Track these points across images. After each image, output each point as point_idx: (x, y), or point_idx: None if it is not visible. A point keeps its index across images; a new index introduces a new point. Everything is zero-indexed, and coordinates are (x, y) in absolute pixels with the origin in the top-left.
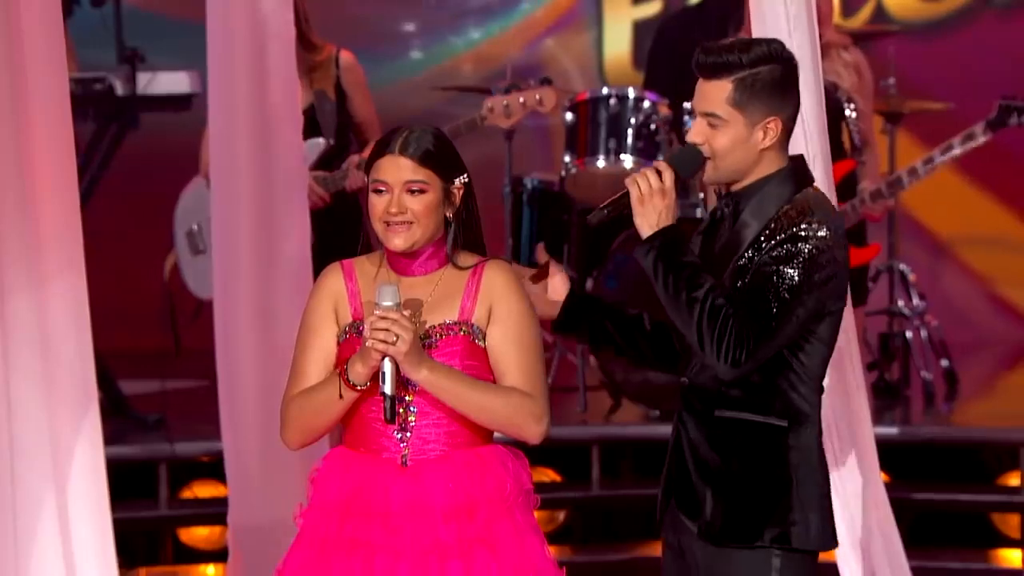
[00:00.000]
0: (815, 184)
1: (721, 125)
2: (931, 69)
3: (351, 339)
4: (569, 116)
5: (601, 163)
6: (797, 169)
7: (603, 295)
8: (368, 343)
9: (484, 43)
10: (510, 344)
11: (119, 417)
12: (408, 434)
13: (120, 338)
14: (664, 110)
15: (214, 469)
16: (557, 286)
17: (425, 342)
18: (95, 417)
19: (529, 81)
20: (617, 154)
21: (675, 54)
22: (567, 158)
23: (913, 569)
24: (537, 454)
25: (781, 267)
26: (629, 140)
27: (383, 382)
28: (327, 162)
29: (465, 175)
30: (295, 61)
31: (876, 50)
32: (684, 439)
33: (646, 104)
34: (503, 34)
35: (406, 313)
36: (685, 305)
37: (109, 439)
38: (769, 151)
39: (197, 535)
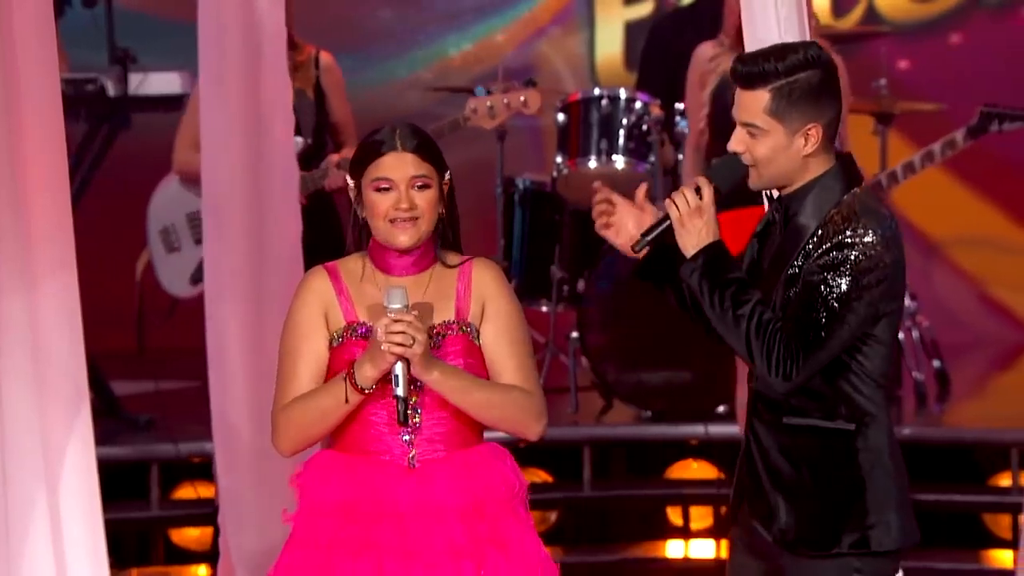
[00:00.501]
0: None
1: (760, 135)
2: (922, 70)
3: (348, 343)
4: (561, 117)
5: (593, 164)
6: (844, 168)
7: (595, 296)
8: (384, 346)
9: (476, 44)
10: (505, 342)
11: (110, 418)
12: (414, 436)
13: (112, 339)
14: (656, 111)
15: (205, 470)
16: (644, 220)
17: (430, 342)
18: (87, 417)
19: (514, 82)
20: (609, 155)
21: (668, 55)
22: (559, 159)
23: (905, 569)
24: (529, 454)
25: (828, 276)
26: (621, 141)
27: (396, 384)
28: (304, 162)
29: (448, 171)
30: (286, 60)
31: (868, 51)
32: (754, 446)
33: (638, 105)
34: (495, 35)
35: (415, 314)
36: (732, 322)
37: (100, 440)
38: (813, 156)
39: (188, 536)
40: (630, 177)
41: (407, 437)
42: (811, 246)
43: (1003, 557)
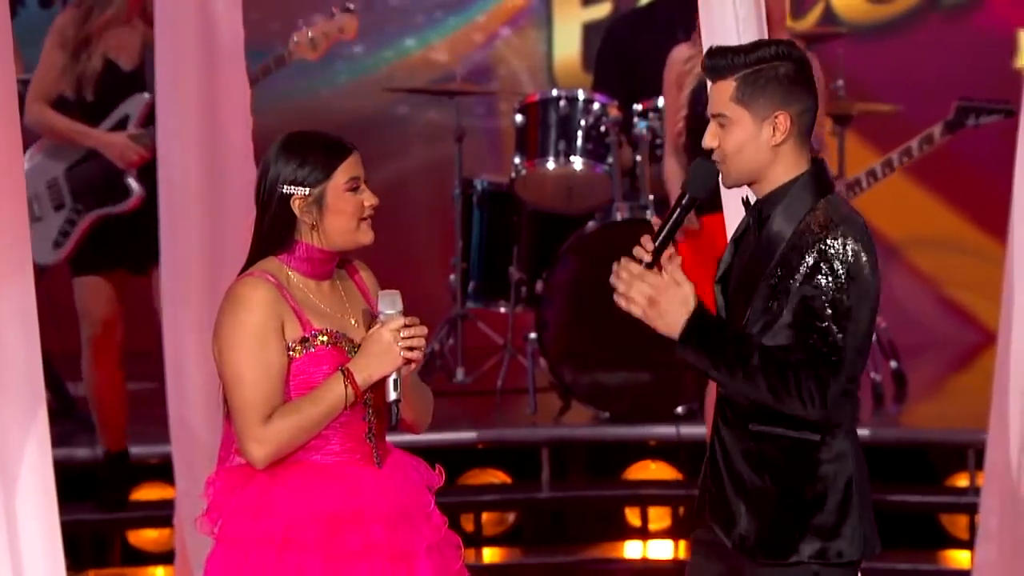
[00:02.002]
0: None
1: (729, 125)
2: (879, 71)
3: (321, 351)
4: (519, 118)
5: (551, 164)
6: (817, 175)
7: (553, 297)
8: (403, 352)
9: (434, 45)
10: None
11: (67, 419)
12: (374, 436)
13: (69, 340)
14: (614, 111)
15: (162, 471)
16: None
17: None
18: (43, 418)
19: (332, 10)
20: (567, 156)
21: (624, 55)
22: (517, 160)
23: (861, 570)
24: (487, 455)
25: (826, 295)
26: (579, 142)
27: (395, 388)
28: (151, 119)
29: None
30: (244, 61)
31: (825, 52)
32: (719, 450)
33: (596, 106)
34: (453, 35)
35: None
36: (748, 379)
37: (57, 441)
38: (784, 150)
39: (145, 537)
40: (588, 178)
41: (370, 438)
42: (791, 256)
43: (960, 557)
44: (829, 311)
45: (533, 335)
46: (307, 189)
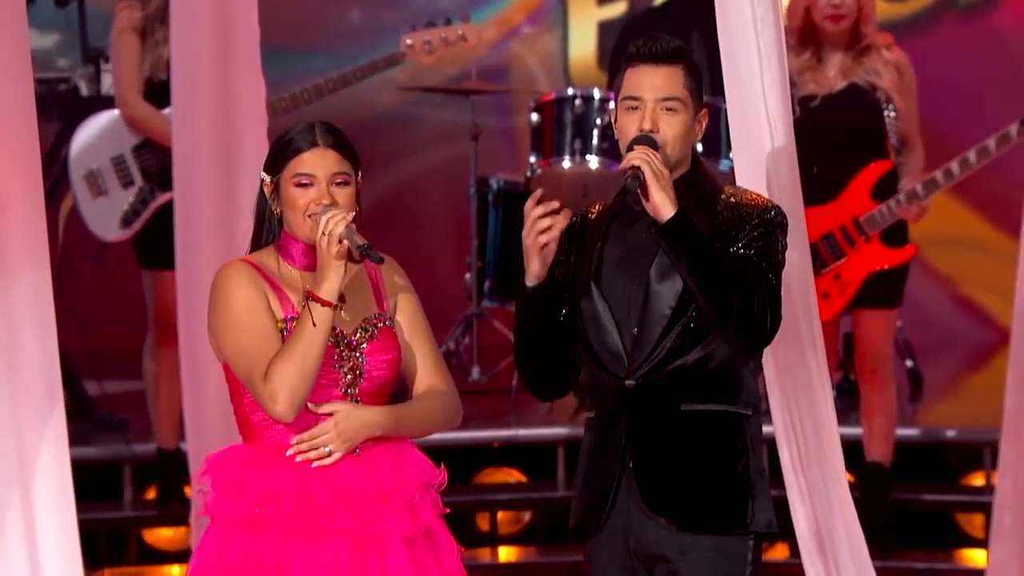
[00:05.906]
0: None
1: (680, 110)
2: None
3: None
4: (535, 117)
5: (566, 163)
6: (702, 166)
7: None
8: (337, 232)
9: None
10: (420, 338)
11: (83, 418)
12: None
13: (87, 338)
14: None
15: None
16: None
17: (366, 334)
18: (60, 418)
19: (448, 17)
20: (582, 155)
21: None
22: (532, 159)
23: (877, 569)
24: (502, 455)
25: (767, 254)
26: (594, 141)
27: (356, 242)
28: None
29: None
30: (259, 60)
31: None
32: (641, 439)
33: (611, 105)
34: None
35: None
36: (722, 278)
37: (73, 440)
38: (695, 147)
39: (161, 536)
40: (604, 177)
41: None
42: (728, 229)
43: (976, 556)
44: (767, 265)
45: None
46: (270, 176)
